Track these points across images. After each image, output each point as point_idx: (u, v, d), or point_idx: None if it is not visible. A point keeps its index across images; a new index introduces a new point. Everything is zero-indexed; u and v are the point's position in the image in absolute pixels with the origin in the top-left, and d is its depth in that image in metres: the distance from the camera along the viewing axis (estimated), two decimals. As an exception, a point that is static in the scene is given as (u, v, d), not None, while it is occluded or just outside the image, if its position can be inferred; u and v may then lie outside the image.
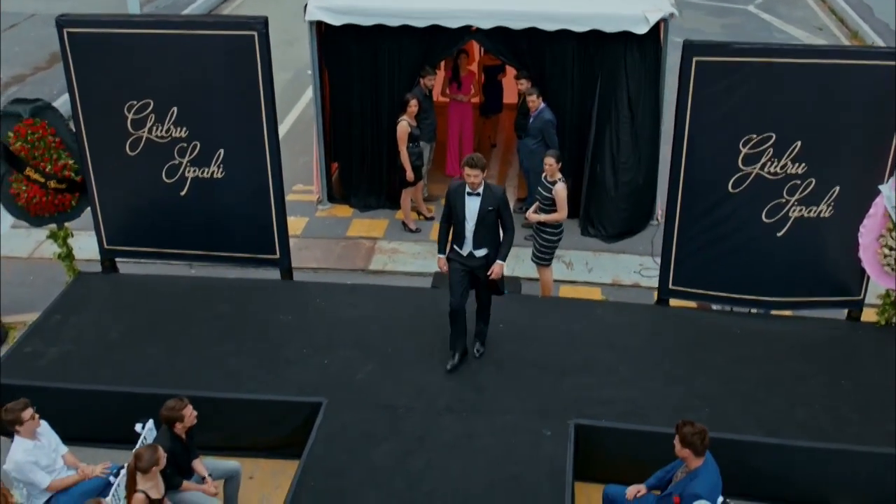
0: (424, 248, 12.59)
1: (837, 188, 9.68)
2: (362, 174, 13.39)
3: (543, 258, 10.99)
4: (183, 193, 10.49)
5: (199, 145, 10.22)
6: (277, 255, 10.75)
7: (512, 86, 13.37)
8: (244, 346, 9.69)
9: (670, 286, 10.39)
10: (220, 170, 10.32)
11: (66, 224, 10.93)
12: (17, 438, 7.83)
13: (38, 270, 12.39)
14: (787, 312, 10.49)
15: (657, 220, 13.05)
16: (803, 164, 9.58)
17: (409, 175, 12.38)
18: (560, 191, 10.58)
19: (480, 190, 8.87)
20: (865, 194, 9.61)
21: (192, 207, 10.54)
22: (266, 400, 9.02)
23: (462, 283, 9.11)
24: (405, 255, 12.49)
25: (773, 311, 10.43)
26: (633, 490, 7.92)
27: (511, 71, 13.32)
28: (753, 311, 10.45)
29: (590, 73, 12.30)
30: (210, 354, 9.54)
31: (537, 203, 10.82)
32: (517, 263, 11.90)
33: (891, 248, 9.65)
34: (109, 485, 7.94)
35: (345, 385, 9.17)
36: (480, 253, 9.07)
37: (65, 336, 9.94)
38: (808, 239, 9.91)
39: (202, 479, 8.14)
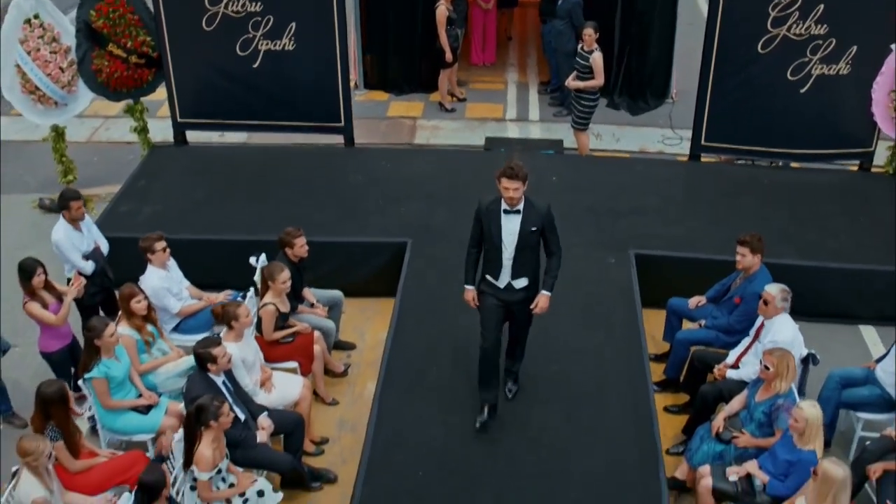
0: (462, 124, 13.60)
1: (855, 48, 10.80)
2: (397, 60, 14.23)
3: (582, 122, 12.04)
4: (255, 66, 11.34)
5: (272, 19, 11.05)
6: (342, 123, 11.65)
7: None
8: (324, 201, 10.61)
9: (702, 143, 11.49)
10: (292, 42, 11.17)
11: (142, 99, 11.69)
12: (149, 268, 8.73)
13: (99, 152, 13.15)
14: (806, 165, 11.65)
15: (672, 98, 14.13)
16: (825, 26, 10.69)
17: (449, 56, 13.30)
18: (597, 59, 11.59)
19: (521, 206, 7.19)
20: (880, 53, 10.73)
21: (264, 79, 11.40)
22: (357, 242, 9.99)
23: (497, 320, 7.54)
24: (445, 130, 13.46)
25: (792, 164, 11.58)
26: (694, 300, 9.06)
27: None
28: (776, 164, 11.60)
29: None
30: (295, 208, 10.40)
31: (576, 72, 11.82)
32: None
33: (903, 100, 10.82)
34: (232, 308, 8.86)
35: (424, 228, 10.17)
36: (521, 284, 7.42)
37: (154, 197, 10.79)
38: (828, 95, 11.04)
39: (311, 305, 9.13)
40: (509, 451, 7.48)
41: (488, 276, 7.49)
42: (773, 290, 8.04)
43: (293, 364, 8.57)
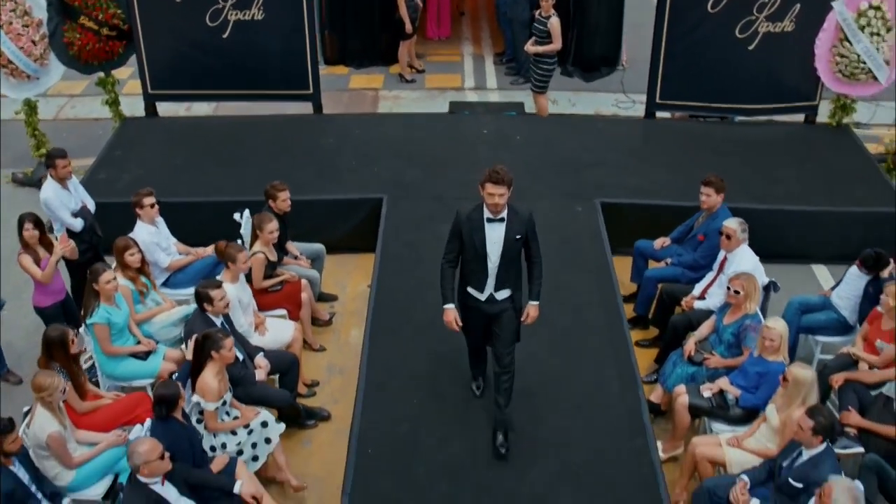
0: (423, 94, 14.08)
1: (798, 5, 11.42)
2: (356, 34, 14.59)
3: (541, 86, 12.53)
4: (225, 36, 11.64)
5: (241, -11, 11.36)
6: (311, 91, 11.99)
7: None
8: (300, 163, 10.96)
9: (657, 101, 12.05)
10: (261, 11, 11.50)
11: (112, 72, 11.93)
12: (139, 223, 9.00)
13: (68, 128, 13.32)
14: (755, 119, 12.27)
15: (623, 65, 14.71)
16: (770, -16, 11.31)
17: (409, 27, 13.71)
18: (555, 24, 12.09)
19: (504, 214, 6.88)
20: (822, 10, 11.36)
21: (233, 49, 11.70)
22: (334, 199, 10.37)
23: (479, 327, 7.34)
24: (407, 100, 13.88)
25: (738, 118, 12.22)
26: (659, 241, 9.58)
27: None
28: (727, 118, 12.21)
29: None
30: (273, 170, 10.67)
31: (534, 38, 12.31)
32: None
33: (842, 56, 11.45)
34: (219, 263, 9.17)
35: (398, 184, 10.58)
36: (503, 295, 7.13)
37: (131, 165, 11.04)
38: (774, 52, 11.65)
39: (294, 258, 9.49)
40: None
41: (470, 289, 7.16)
42: (733, 223, 8.61)
43: (282, 311, 8.92)
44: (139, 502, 6.22)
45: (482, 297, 7.11)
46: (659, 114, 12.27)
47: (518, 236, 6.92)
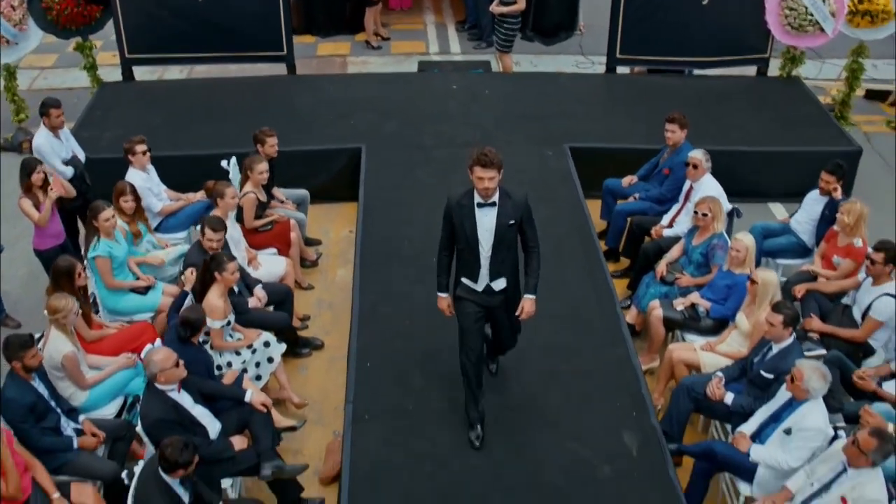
0: (389, 59, 14.53)
1: (749, -41, 12.05)
2: (322, 3, 14.97)
3: (506, 45, 13.05)
4: (200, 0, 11.94)
5: (216, -49, 11.70)
6: (285, 52, 12.36)
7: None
8: (278, 118, 11.20)
9: (617, 55, 12.60)
10: (236, -26, 11.83)
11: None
12: (131, 169, 9.32)
13: (42, 97, 13.49)
14: (710, 71, 12.88)
15: (580, 30, 15.27)
16: (721, -62, 11.92)
17: (374, -8, 14.14)
18: (519, -16, 12.62)
19: (496, 198, 6.51)
20: (772, -36, 12.02)
21: (209, 12, 12.01)
22: (315, 150, 10.77)
23: (478, 330, 6.84)
24: (375, 64, 14.33)
25: (695, 72, 12.81)
26: (627, 179, 10.13)
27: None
28: (685, 71, 12.81)
29: None
30: (251, 125, 10.83)
31: (498, -1, 12.86)
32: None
33: (791, 9, 12.08)
34: (210, 206, 9.51)
35: (374, 135, 11.02)
36: (500, 285, 6.77)
37: (112, 124, 11.30)
38: (726, 6, 12.25)
39: (281, 202, 9.88)
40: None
41: (464, 280, 6.81)
42: (698, 153, 9.19)
43: (273, 250, 9.31)
44: (157, 407, 6.58)
45: (478, 287, 6.75)
46: (619, 69, 12.81)
47: (511, 222, 6.52)
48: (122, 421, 7.46)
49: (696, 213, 8.67)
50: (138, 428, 6.83)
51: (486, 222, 6.53)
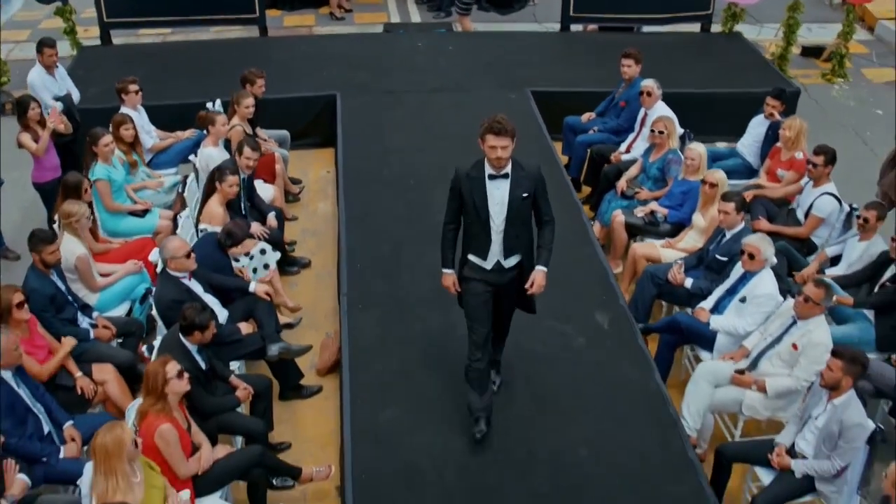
0: (354, 28, 15.20)
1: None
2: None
3: (465, 8, 13.91)
4: (176, -35, 12.57)
5: (190, -84, 12.33)
6: (257, 14, 13.00)
7: None
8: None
9: (571, 14, 13.43)
10: (209, -61, 12.47)
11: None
12: (122, 108, 9.87)
13: (20, 67, 13.96)
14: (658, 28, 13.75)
15: (533, 1, 16.10)
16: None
17: (338, -36, 14.83)
18: (475, -48, 13.42)
19: (508, 169, 6.16)
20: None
21: (184, -23, 12.63)
22: (292, 97, 11.44)
23: (487, 311, 6.47)
24: (341, 34, 14.94)
25: (644, 29, 13.68)
26: (585, 115, 10.90)
27: None
28: (635, 28, 13.69)
29: None
30: (233, 78, 11.42)
31: (458, -33, 13.64)
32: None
33: (729, -33, 13.02)
34: (198, 143, 10.08)
35: (348, 84, 11.69)
36: (512, 262, 6.41)
37: (96, 81, 11.76)
38: (672, -35, 13.17)
39: (264, 140, 10.48)
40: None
41: (472, 257, 6.41)
42: (650, 82, 10.04)
43: (259, 180, 9.91)
44: (171, 290, 7.18)
45: (487, 265, 6.36)
46: (573, 27, 13.63)
47: (525, 194, 6.17)
48: (131, 318, 8.05)
49: (652, 131, 9.45)
50: (153, 311, 7.41)
51: (497, 195, 6.15)
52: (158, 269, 7.49)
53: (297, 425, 7.63)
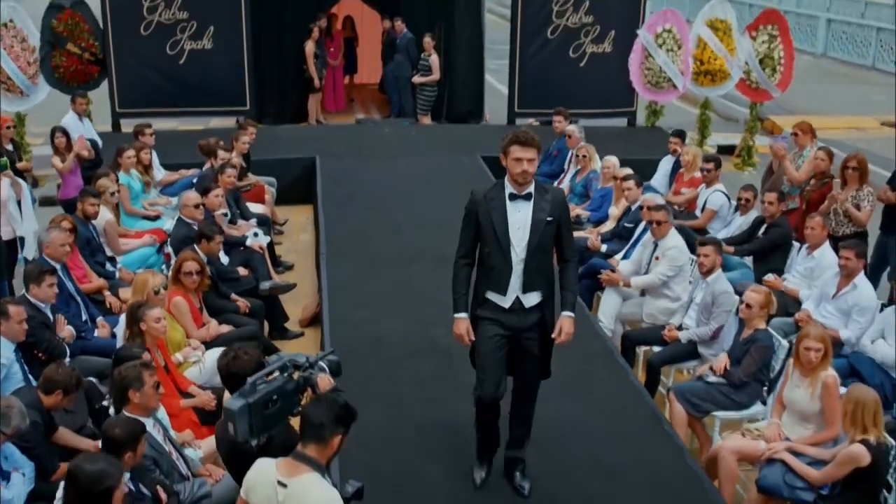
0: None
1: (614, 31, 15.56)
2: (272, 93, 17.93)
3: (425, 108, 16.42)
4: (181, 63, 14.88)
5: (195, 24, 14.74)
6: (248, 107, 15.27)
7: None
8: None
9: (516, 110, 15.81)
10: (210, 42, 14.83)
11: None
12: (138, 149, 11.90)
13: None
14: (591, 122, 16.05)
15: (486, 119, 18.51)
16: (591, 16, 15.44)
17: (317, 82, 17.16)
18: (435, 60, 16.02)
19: (531, 189, 5.65)
20: (631, 35, 15.48)
21: (187, 73, 14.90)
22: (275, 158, 13.54)
23: (499, 358, 5.80)
24: (318, 133, 17.22)
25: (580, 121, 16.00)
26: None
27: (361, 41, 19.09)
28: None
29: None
30: None
31: (419, 73, 16.08)
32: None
33: (648, 69, 15.48)
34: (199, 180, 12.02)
35: (326, 152, 13.83)
36: (532, 300, 5.78)
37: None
38: (599, 68, 15.64)
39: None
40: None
41: (489, 294, 5.77)
42: (572, 127, 12.36)
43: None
44: (183, 232, 9.02)
45: (506, 303, 5.71)
46: (518, 121, 15.94)
47: (549, 218, 5.61)
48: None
49: (577, 156, 11.56)
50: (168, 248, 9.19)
51: (519, 218, 5.60)
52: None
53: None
